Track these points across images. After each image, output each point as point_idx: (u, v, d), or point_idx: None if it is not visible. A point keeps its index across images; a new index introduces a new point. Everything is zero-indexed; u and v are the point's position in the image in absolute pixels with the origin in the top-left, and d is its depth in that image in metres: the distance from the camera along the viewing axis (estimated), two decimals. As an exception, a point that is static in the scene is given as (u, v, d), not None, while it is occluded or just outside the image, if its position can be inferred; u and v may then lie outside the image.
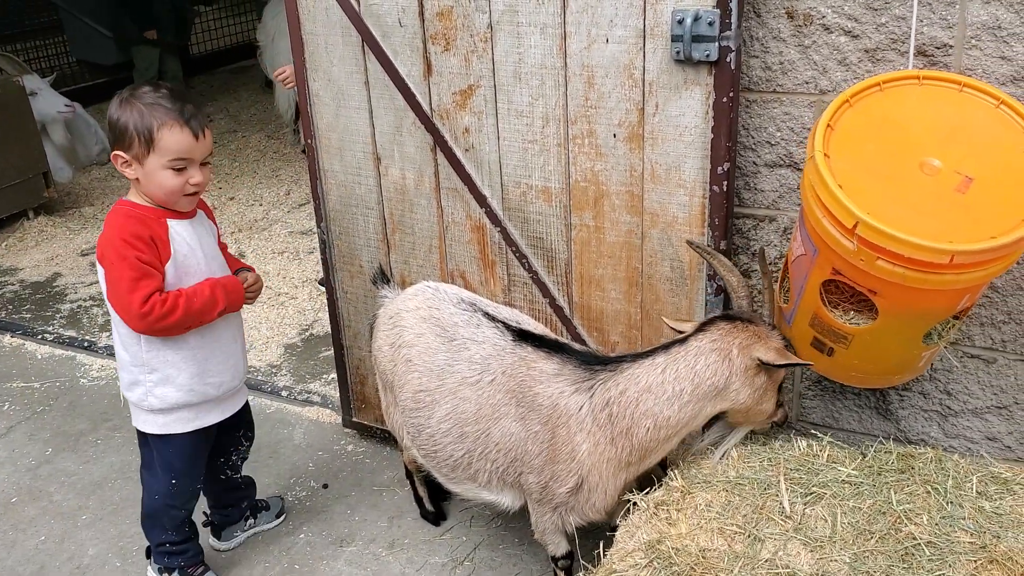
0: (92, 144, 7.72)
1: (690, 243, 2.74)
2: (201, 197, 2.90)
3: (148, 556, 3.19)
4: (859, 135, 2.25)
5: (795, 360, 2.47)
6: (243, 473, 3.35)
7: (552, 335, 2.80)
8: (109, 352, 4.73)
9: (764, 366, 2.47)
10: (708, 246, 2.75)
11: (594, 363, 2.60)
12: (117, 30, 9.17)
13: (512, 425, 2.63)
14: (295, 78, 3.39)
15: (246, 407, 3.19)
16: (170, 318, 2.69)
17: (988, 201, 2.11)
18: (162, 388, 2.84)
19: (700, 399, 2.48)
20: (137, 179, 2.72)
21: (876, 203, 2.10)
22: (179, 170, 2.71)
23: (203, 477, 3.12)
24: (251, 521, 3.41)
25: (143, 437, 2.99)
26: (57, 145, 7.13)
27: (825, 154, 2.18)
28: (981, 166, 2.16)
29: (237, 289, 2.89)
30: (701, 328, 2.53)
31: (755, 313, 2.59)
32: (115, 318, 2.78)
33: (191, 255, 2.80)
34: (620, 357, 2.60)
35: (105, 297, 2.76)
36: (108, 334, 4.94)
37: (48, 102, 6.95)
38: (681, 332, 2.59)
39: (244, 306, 2.97)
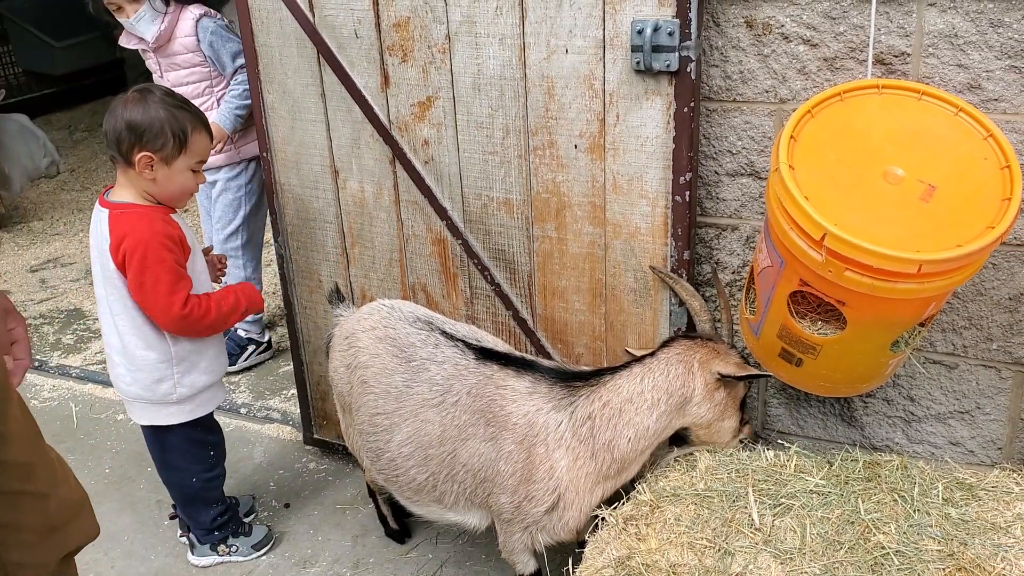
0: (40, 156, 7.52)
1: (653, 268, 2.78)
2: None
3: (198, 543, 3.28)
4: (822, 146, 2.25)
5: (753, 372, 2.53)
6: None
7: (517, 352, 2.77)
8: (60, 372, 4.61)
9: (723, 379, 2.53)
10: (670, 269, 2.77)
11: (571, 379, 2.59)
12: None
13: (481, 446, 2.58)
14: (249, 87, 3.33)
15: None
16: (206, 319, 2.86)
17: (951, 209, 2.12)
18: (189, 376, 2.99)
19: (672, 409, 2.54)
20: (154, 179, 2.79)
21: (841, 213, 2.09)
22: (195, 172, 2.86)
23: None
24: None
25: (160, 432, 3.08)
26: None
27: (790, 166, 2.17)
28: (943, 174, 2.17)
29: (254, 293, 3.06)
30: (666, 344, 2.61)
31: (715, 333, 2.67)
32: (136, 321, 2.87)
33: (195, 251, 2.96)
34: (599, 371, 2.61)
35: (123, 297, 2.84)
36: (60, 352, 4.81)
37: None
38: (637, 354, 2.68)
39: None
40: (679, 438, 2.66)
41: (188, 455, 3.12)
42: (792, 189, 2.12)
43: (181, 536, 3.38)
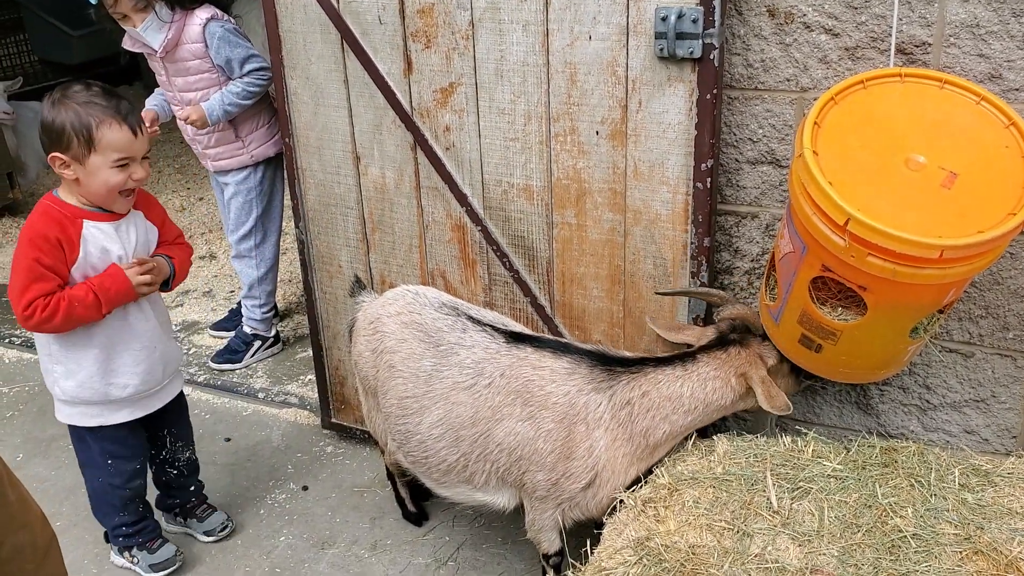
0: (56, 144, 7.56)
1: (660, 293, 2.89)
2: (159, 199, 2.92)
3: (107, 540, 3.27)
4: (845, 132, 2.27)
5: (778, 403, 2.57)
6: (192, 477, 3.38)
7: (550, 336, 2.82)
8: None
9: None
10: (690, 256, 2.79)
11: (612, 363, 2.65)
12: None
13: (517, 425, 2.63)
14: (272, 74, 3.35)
15: (174, 409, 3.20)
16: (51, 321, 2.73)
17: (973, 196, 2.13)
18: (67, 381, 2.91)
19: (711, 413, 2.66)
20: (77, 179, 2.73)
21: (864, 199, 2.11)
22: (122, 167, 2.74)
23: (146, 460, 3.18)
24: (180, 520, 3.43)
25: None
26: None
27: (814, 151, 2.19)
28: (964, 162, 2.19)
29: (118, 284, 2.80)
30: (703, 350, 2.67)
31: (743, 327, 2.70)
32: None
33: (104, 257, 2.82)
34: (642, 359, 2.69)
35: None
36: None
37: None
38: (668, 337, 2.81)
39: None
40: None
41: (86, 453, 3.06)
42: (816, 174, 2.14)
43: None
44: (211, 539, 3.37)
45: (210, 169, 4.27)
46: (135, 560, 3.21)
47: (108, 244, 2.82)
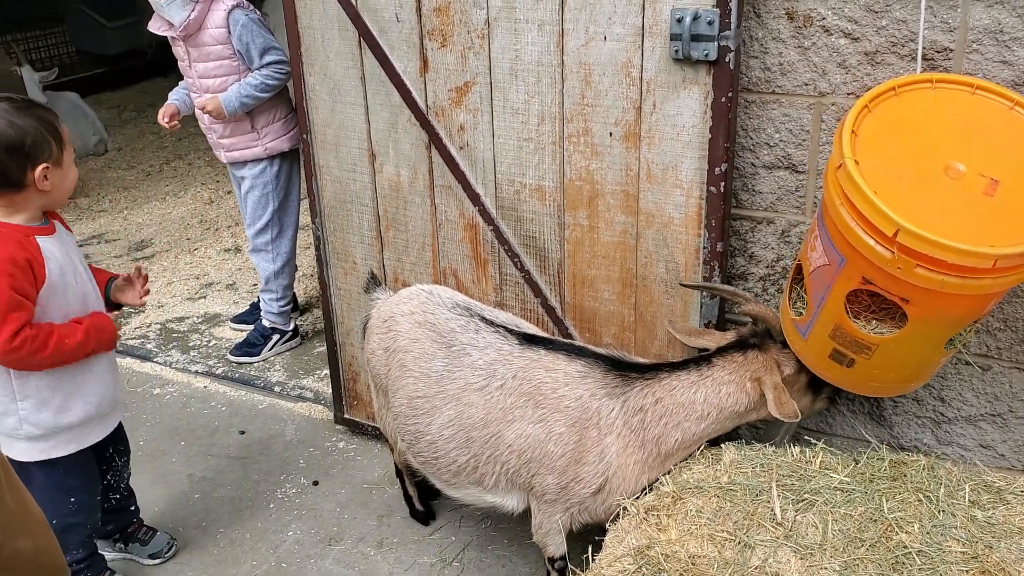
0: (89, 135, 7.67)
1: (684, 284, 2.82)
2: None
3: None
4: (882, 141, 2.22)
5: (787, 410, 2.51)
6: (128, 494, 3.23)
7: (563, 338, 2.80)
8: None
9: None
10: (703, 261, 2.76)
11: (626, 369, 2.63)
12: None
13: (528, 427, 2.62)
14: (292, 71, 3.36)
15: (119, 426, 3.03)
16: (39, 354, 2.57)
17: (1017, 203, 2.09)
18: (38, 414, 2.70)
19: (724, 420, 2.62)
20: (50, 188, 2.59)
21: (908, 209, 2.06)
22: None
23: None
24: (120, 546, 3.28)
25: (22, 466, 2.74)
26: None
27: (855, 160, 2.14)
28: (1003, 168, 2.15)
29: (108, 330, 2.75)
30: (720, 353, 2.63)
31: (765, 332, 2.65)
32: None
33: (62, 275, 2.65)
34: (656, 365, 2.66)
35: None
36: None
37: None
38: (686, 341, 2.75)
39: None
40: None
41: (46, 497, 2.76)
42: (861, 184, 2.08)
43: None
44: (157, 561, 3.24)
45: (223, 160, 4.29)
46: None
47: (61, 259, 2.66)
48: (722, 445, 2.65)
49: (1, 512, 1.61)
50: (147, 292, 2.97)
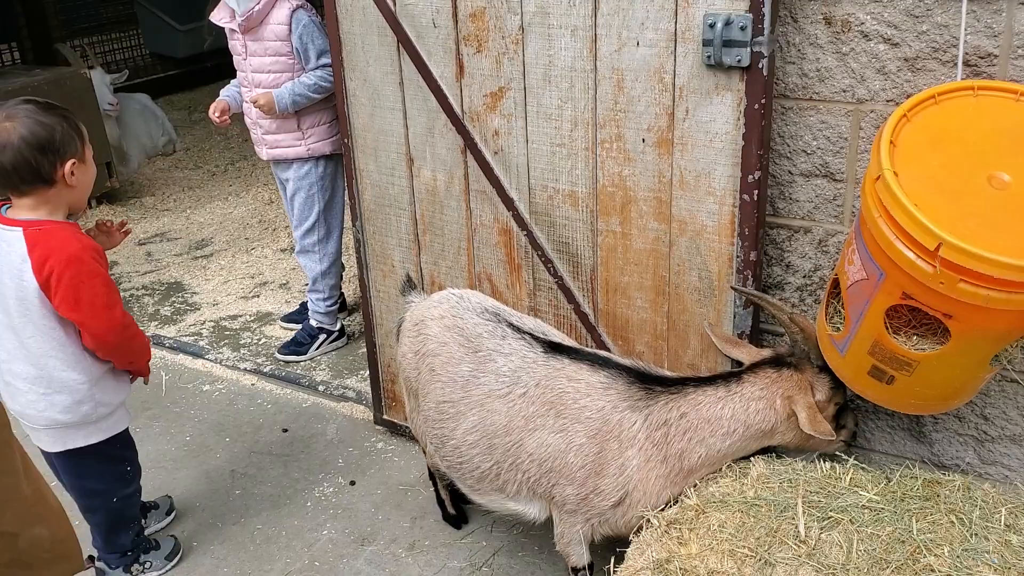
0: (159, 135, 7.88)
1: (735, 288, 2.74)
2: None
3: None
4: (922, 150, 2.15)
5: (822, 428, 2.46)
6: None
7: (588, 348, 2.77)
8: (155, 341, 4.79)
9: None
10: (736, 270, 2.70)
11: (651, 381, 2.60)
12: None
13: (549, 437, 2.60)
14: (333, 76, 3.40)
15: None
16: (137, 340, 2.87)
17: None
18: (106, 394, 2.91)
19: (749, 439, 2.56)
20: (77, 184, 2.70)
21: (951, 221, 1.99)
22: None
23: None
24: (143, 521, 3.39)
25: (75, 457, 2.93)
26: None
27: (894, 172, 2.08)
28: None
29: (145, 357, 3.01)
30: (752, 369, 2.58)
31: (803, 353, 2.57)
32: (59, 340, 2.74)
33: None
34: (683, 379, 2.62)
35: (40, 319, 2.70)
36: (156, 323, 5.04)
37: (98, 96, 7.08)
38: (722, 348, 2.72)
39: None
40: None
41: (106, 474, 3.02)
42: (901, 197, 2.02)
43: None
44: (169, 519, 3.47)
45: (263, 157, 4.36)
46: (147, 565, 3.20)
47: None
48: (752, 458, 2.60)
49: (18, 501, 1.67)
50: (126, 233, 3.15)
